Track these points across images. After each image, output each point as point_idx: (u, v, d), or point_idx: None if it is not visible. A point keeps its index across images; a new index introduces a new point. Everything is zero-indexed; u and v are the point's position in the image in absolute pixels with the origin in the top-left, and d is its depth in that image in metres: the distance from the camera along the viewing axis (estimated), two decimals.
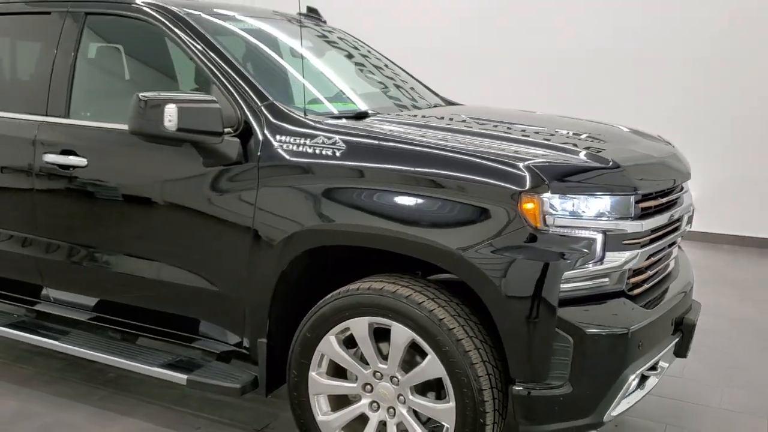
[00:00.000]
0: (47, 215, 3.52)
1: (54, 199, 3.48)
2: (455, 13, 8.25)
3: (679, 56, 7.32)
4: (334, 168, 2.84)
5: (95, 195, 3.37)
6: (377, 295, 2.77)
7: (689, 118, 7.22)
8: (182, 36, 3.25)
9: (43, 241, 3.56)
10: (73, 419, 3.58)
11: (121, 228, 3.35)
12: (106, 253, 3.43)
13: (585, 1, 7.67)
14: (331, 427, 2.97)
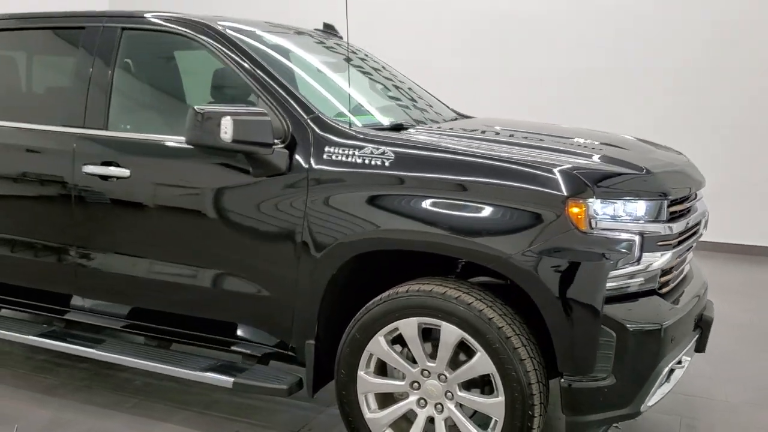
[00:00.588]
0: (86, 225, 3.59)
1: (94, 209, 3.56)
2: (456, 32, 8.46)
3: (671, 66, 7.64)
4: (383, 177, 3.00)
5: (139, 205, 3.45)
6: (427, 296, 2.93)
7: (680, 127, 7.50)
8: (228, 53, 3.37)
9: (82, 251, 3.62)
10: (110, 426, 3.65)
11: (166, 236, 3.44)
12: (148, 262, 3.51)
13: (582, 19, 7.96)
14: (379, 424, 3.11)
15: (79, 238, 3.62)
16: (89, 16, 3.75)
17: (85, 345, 3.70)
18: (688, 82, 7.65)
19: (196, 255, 3.40)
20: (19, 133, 3.76)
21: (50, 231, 3.70)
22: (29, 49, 4.07)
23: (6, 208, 3.82)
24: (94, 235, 3.60)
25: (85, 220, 3.59)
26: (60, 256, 3.69)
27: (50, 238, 3.71)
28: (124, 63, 3.67)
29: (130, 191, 3.45)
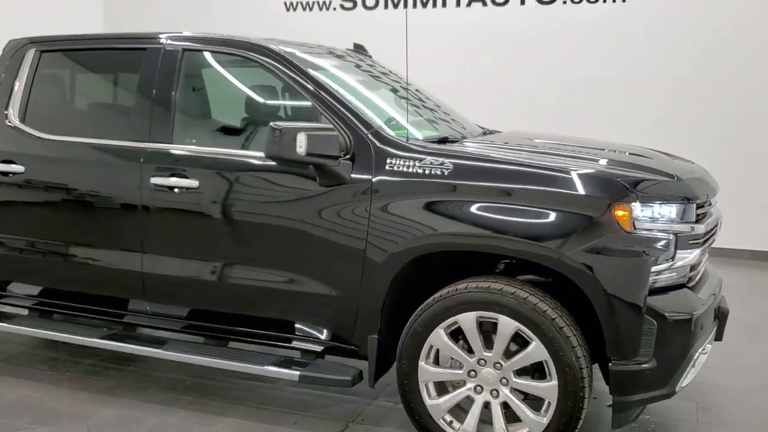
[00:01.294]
0: (155, 233, 3.84)
1: (162, 218, 3.82)
2: (463, 49, 8.82)
3: (671, 75, 8.09)
4: (443, 186, 3.32)
5: (208, 213, 3.72)
6: (486, 293, 3.27)
7: (680, 132, 7.93)
8: (290, 74, 3.67)
9: (149, 257, 3.88)
10: (174, 421, 3.89)
11: (234, 242, 3.72)
12: (216, 267, 3.77)
13: (582, 33, 8.39)
14: (440, 409, 3.42)
15: (146, 245, 3.86)
16: (150, 38, 4.01)
17: (150, 346, 3.95)
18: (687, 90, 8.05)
19: (263, 259, 3.68)
20: (88, 148, 4.00)
21: (118, 239, 3.93)
22: (95, 68, 4.33)
23: (75, 218, 4.04)
24: (162, 242, 3.85)
25: (152, 229, 3.84)
26: (127, 262, 3.93)
27: (118, 246, 3.94)
28: (186, 82, 3.94)
29: (198, 201, 3.72)
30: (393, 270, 3.41)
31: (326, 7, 9.47)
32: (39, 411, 3.98)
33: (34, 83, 4.23)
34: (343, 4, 9.40)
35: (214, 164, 3.73)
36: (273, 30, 9.34)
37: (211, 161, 3.74)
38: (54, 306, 4.30)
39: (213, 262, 3.78)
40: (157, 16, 10.39)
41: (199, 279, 3.82)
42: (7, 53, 4.33)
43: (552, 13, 8.51)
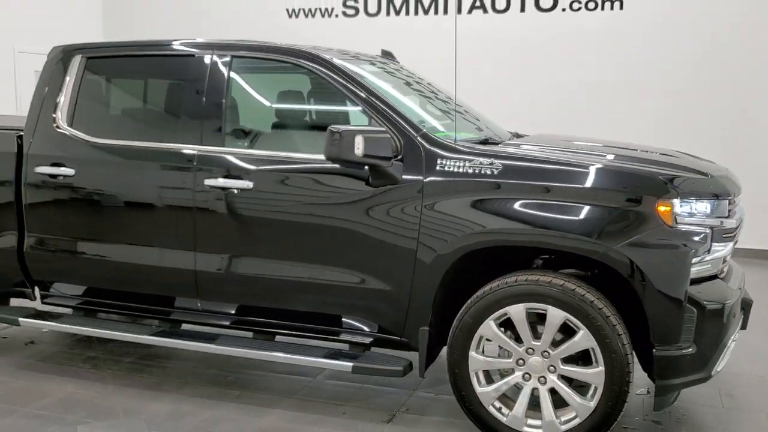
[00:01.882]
0: (208, 233, 3.99)
1: (216, 218, 3.96)
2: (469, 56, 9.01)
3: (668, 80, 8.40)
4: (494, 185, 3.52)
5: (262, 213, 3.88)
6: (535, 285, 3.47)
7: (674, 138, 8.21)
8: (341, 80, 3.84)
9: (203, 255, 4.02)
10: (226, 414, 4.04)
11: (289, 240, 3.87)
12: (270, 264, 3.92)
13: (581, 39, 8.65)
14: (489, 396, 3.62)
15: (200, 244, 4.01)
16: (199, 45, 4.16)
17: (203, 341, 4.09)
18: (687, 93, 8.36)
19: (316, 256, 3.84)
20: (139, 151, 4.13)
21: (171, 239, 4.07)
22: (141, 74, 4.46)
23: (127, 219, 4.17)
24: (216, 241, 3.99)
25: (206, 228, 3.99)
26: (180, 261, 4.06)
27: (171, 245, 4.08)
28: (236, 87, 4.09)
29: (253, 201, 3.88)
30: (444, 265, 3.60)
31: (329, 13, 9.65)
32: (91, 407, 4.10)
33: (81, 89, 4.35)
34: (345, 11, 9.58)
35: (268, 166, 3.88)
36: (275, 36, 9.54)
37: (265, 163, 3.89)
38: (101, 305, 4.42)
39: (266, 259, 3.93)
40: (157, 18, 10.49)
41: (251, 276, 3.96)
42: (53, 60, 4.45)
43: (551, 20, 8.78)
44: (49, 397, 4.22)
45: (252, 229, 3.93)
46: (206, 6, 10.27)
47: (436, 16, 9.21)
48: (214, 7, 10.21)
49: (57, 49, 4.48)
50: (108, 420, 3.93)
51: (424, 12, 9.24)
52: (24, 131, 4.39)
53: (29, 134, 4.36)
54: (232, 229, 3.96)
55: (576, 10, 8.67)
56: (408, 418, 4.02)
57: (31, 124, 4.38)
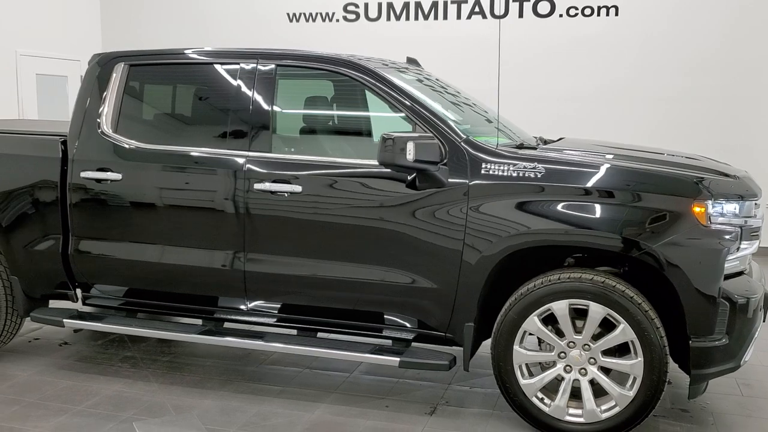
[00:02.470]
0: (258, 234, 4.14)
1: (266, 221, 4.11)
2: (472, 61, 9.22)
3: (664, 86, 8.69)
4: (537, 188, 3.73)
5: (311, 215, 4.04)
6: (577, 282, 3.69)
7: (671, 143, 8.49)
8: (385, 89, 4.02)
9: (252, 256, 4.17)
10: (273, 409, 4.19)
11: (337, 241, 4.03)
12: (319, 264, 4.08)
13: (578, 45, 8.91)
14: (533, 388, 3.82)
15: (249, 245, 4.16)
16: (244, 54, 4.32)
17: (251, 339, 4.25)
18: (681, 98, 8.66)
19: (364, 256, 4.01)
20: (188, 156, 4.27)
21: (220, 240, 4.21)
22: (185, 81, 4.60)
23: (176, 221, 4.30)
24: (265, 242, 4.15)
25: (255, 230, 4.14)
26: (229, 261, 4.21)
27: (220, 247, 4.22)
28: (282, 95, 4.25)
29: (303, 204, 4.04)
30: (490, 264, 3.80)
31: (329, 18, 9.81)
32: (141, 404, 4.22)
33: (125, 96, 4.48)
34: (346, 16, 9.75)
35: (317, 171, 4.05)
36: (275, 40, 9.69)
37: (313, 168, 4.06)
38: (144, 305, 4.55)
39: (314, 260, 4.09)
40: (157, 22, 10.55)
41: (299, 276, 4.12)
42: (94, 67, 4.57)
43: (549, 26, 9.03)
44: (97, 396, 4.34)
45: (301, 231, 4.09)
46: (207, 9, 10.36)
47: (436, 21, 9.42)
48: (215, 10, 10.30)
49: (98, 57, 4.60)
50: (161, 417, 4.07)
51: (424, 18, 9.44)
52: (68, 137, 4.50)
53: (73, 140, 4.47)
54: (282, 231, 4.12)
55: (573, 16, 8.94)
56: (449, 410, 4.21)
57: (74, 130, 4.49)
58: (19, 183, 4.56)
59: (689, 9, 8.61)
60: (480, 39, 9.18)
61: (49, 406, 4.19)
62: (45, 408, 4.16)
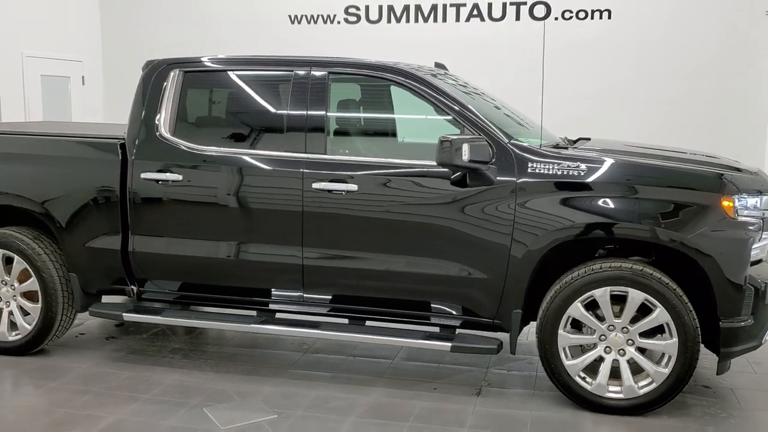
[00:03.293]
0: (315, 230, 4.43)
1: (324, 217, 4.41)
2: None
3: (657, 88, 9.14)
4: (580, 185, 4.09)
5: (368, 212, 4.34)
6: (618, 271, 4.06)
7: None
8: (434, 95, 4.35)
9: (310, 251, 4.46)
10: (332, 393, 4.48)
11: (391, 235, 4.34)
12: (372, 257, 4.38)
13: (573, 46, 9.30)
14: (576, 368, 4.19)
15: (307, 240, 4.45)
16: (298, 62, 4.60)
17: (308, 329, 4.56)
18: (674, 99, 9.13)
19: (417, 249, 4.33)
20: (247, 158, 4.54)
21: (279, 236, 4.49)
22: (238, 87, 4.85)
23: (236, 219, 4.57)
24: (322, 238, 4.44)
25: (313, 226, 4.43)
26: (288, 256, 4.49)
27: (279, 242, 4.50)
28: (335, 100, 4.55)
29: (359, 202, 4.34)
30: (538, 255, 4.15)
31: (330, 20, 10.08)
32: (204, 392, 4.49)
33: (181, 101, 4.73)
34: (347, 18, 10.03)
35: (372, 171, 4.36)
36: (277, 41, 9.94)
37: (368, 168, 4.37)
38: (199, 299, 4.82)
39: (370, 253, 4.40)
40: (157, 24, 10.71)
41: (355, 269, 4.43)
42: (149, 73, 4.80)
43: (545, 28, 9.40)
44: (161, 385, 4.59)
45: (357, 227, 4.39)
46: (207, 10, 10.54)
47: (436, 23, 9.75)
48: (215, 11, 10.49)
49: (152, 63, 4.83)
50: (227, 402, 4.34)
51: (424, 20, 9.77)
52: (126, 140, 4.73)
53: (131, 143, 4.71)
54: (339, 226, 4.41)
55: (568, 19, 9.35)
56: (493, 391, 4.56)
57: (132, 134, 4.72)
58: (78, 185, 4.78)
59: (681, 12, 9.07)
60: (478, 41, 9.56)
61: (118, 395, 4.43)
62: (115, 396, 4.41)
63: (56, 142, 4.95)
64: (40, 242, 4.93)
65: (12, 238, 4.92)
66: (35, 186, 4.85)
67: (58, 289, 4.90)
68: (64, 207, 4.79)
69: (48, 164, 4.85)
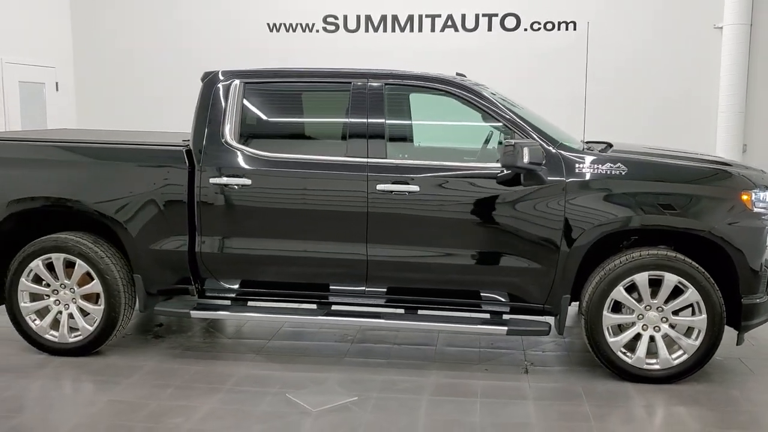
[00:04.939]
0: (379, 228, 4.84)
1: (386, 216, 4.82)
2: None
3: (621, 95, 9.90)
4: (623, 183, 4.67)
5: (428, 210, 4.79)
6: (656, 258, 4.66)
7: None
8: (486, 104, 4.86)
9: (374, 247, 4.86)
10: (396, 377, 4.88)
11: (450, 231, 4.79)
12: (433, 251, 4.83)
13: (542, 56, 9.96)
14: (618, 345, 4.76)
15: (371, 237, 4.85)
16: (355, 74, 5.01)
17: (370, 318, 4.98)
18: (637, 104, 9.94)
19: (474, 243, 4.81)
20: (313, 163, 4.91)
21: (345, 234, 4.88)
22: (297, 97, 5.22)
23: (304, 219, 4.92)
24: (385, 234, 4.85)
25: (377, 224, 4.84)
26: (353, 252, 4.89)
27: (344, 240, 4.89)
28: (392, 108, 4.98)
29: (420, 200, 4.79)
30: (585, 246, 4.70)
31: (309, 28, 10.43)
32: (278, 380, 4.81)
33: (244, 110, 5.06)
34: (325, 27, 10.40)
35: (432, 173, 4.81)
36: (256, 50, 10.21)
37: (428, 171, 4.82)
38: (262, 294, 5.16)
39: (431, 248, 4.85)
40: (135, 32, 10.78)
41: (416, 263, 4.87)
42: (210, 84, 5.10)
43: (515, 39, 10.08)
44: (234, 377, 4.90)
45: (418, 224, 4.83)
46: (183, 18, 10.70)
47: (412, 33, 10.25)
48: (190, 19, 10.66)
49: (213, 74, 5.13)
50: (305, 388, 4.69)
51: (401, 30, 10.25)
52: (192, 147, 5.01)
53: (197, 150, 5.00)
54: (401, 224, 4.84)
55: (536, 30, 10.03)
56: (538, 369, 5.09)
57: (198, 141, 5.01)
58: (144, 190, 5.02)
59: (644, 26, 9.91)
60: (452, 51, 10.11)
61: (198, 387, 4.71)
62: (196, 389, 4.69)
63: (122, 151, 5.16)
64: (99, 246, 5.13)
65: (73, 243, 5.11)
66: (101, 193, 5.05)
67: (120, 290, 5.11)
68: (130, 212, 5.02)
69: (114, 172, 5.06)
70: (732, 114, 9.70)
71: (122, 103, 10.77)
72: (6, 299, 5.22)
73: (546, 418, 4.29)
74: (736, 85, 9.63)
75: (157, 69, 10.75)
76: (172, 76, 10.56)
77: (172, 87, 10.55)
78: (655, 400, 4.56)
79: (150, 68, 10.79)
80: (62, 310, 5.19)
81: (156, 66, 10.76)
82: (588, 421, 4.25)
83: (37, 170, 5.13)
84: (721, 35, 9.78)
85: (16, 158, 5.20)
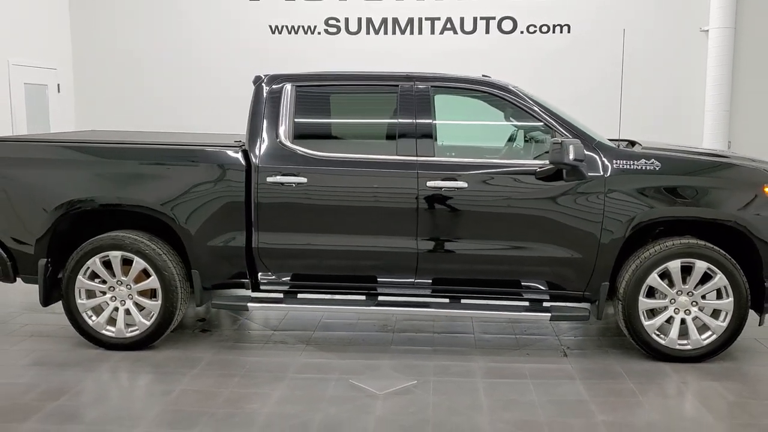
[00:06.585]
0: (429, 222, 5.15)
1: (436, 210, 5.13)
2: None
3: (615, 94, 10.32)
4: (658, 178, 5.05)
5: (477, 205, 5.11)
6: (687, 246, 5.05)
7: None
8: (528, 105, 5.20)
9: (424, 240, 5.17)
10: (445, 362, 5.18)
11: (497, 224, 5.12)
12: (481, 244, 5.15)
13: (538, 57, 10.35)
14: (653, 327, 5.14)
15: (421, 231, 5.16)
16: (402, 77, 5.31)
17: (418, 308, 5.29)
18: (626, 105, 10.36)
19: (520, 235, 5.14)
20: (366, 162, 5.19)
21: (397, 229, 5.17)
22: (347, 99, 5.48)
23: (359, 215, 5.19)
24: (435, 228, 5.16)
25: (427, 218, 5.15)
26: (404, 245, 5.18)
27: (397, 234, 5.18)
28: (439, 109, 5.29)
29: (468, 196, 5.10)
30: (623, 237, 5.08)
31: (311, 31, 10.67)
32: (335, 368, 5.08)
33: (297, 112, 5.32)
34: (327, 29, 10.65)
35: (479, 170, 5.14)
36: (258, 51, 10.43)
37: (475, 168, 5.14)
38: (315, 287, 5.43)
39: (479, 240, 5.17)
40: (138, 34, 10.88)
41: (465, 254, 5.19)
42: (262, 87, 5.35)
43: (512, 41, 10.46)
44: (292, 366, 5.14)
45: (467, 218, 5.15)
46: (183, 20, 10.83)
47: (412, 36, 10.56)
48: (191, 20, 10.80)
49: (266, 78, 5.38)
50: (364, 374, 4.97)
51: (401, 32, 10.56)
52: (248, 148, 5.25)
53: (254, 150, 5.24)
54: (451, 218, 5.16)
55: (532, 33, 10.43)
56: (575, 352, 5.45)
57: (254, 142, 5.25)
58: (201, 189, 5.23)
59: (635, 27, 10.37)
60: (452, 53, 10.46)
61: (262, 376, 4.96)
62: (259, 377, 4.93)
63: (181, 152, 5.36)
64: (155, 243, 5.34)
65: (130, 241, 5.30)
66: (159, 193, 5.26)
67: (177, 285, 5.33)
68: (188, 210, 5.23)
69: (172, 172, 5.27)
70: (718, 112, 10.25)
71: (122, 104, 10.87)
72: (63, 296, 5.39)
73: (597, 395, 4.65)
74: (722, 84, 10.18)
75: (157, 70, 10.87)
76: (172, 78, 10.70)
77: (172, 88, 10.70)
78: (689, 377, 4.95)
79: (150, 69, 10.91)
80: (118, 306, 5.38)
81: (156, 67, 10.88)
82: (635, 396, 4.62)
83: (96, 172, 5.31)
84: (707, 38, 10.31)
85: (75, 160, 5.37)
